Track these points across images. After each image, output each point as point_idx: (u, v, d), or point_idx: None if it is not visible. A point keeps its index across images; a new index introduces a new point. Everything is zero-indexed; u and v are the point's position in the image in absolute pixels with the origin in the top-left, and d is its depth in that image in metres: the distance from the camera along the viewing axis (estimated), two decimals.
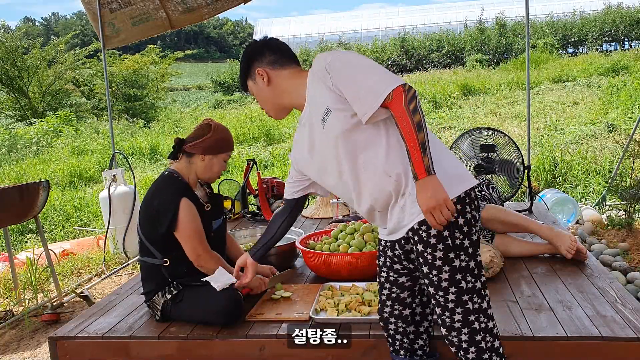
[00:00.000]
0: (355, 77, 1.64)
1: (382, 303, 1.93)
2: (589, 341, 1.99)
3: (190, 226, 2.29)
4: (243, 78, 1.97)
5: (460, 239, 1.64)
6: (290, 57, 1.92)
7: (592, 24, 20.43)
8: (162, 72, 19.25)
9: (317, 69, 1.74)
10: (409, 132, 1.56)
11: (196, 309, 2.27)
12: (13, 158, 10.84)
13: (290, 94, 1.87)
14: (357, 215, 3.65)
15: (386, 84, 1.59)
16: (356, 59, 1.69)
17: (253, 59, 1.90)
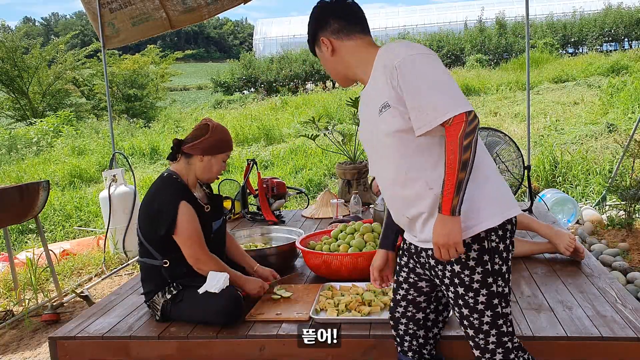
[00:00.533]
0: (421, 87, 1.55)
1: (395, 302, 1.90)
2: (589, 341, 2.00)
3: (188, 230, 2.29)
4: (311, 43, 1.85)
5: (499, 264, 1.63)
6: (358, 25, 1.78)
7: (592, 24, 20.42)
8: (162, 72, 19.25)
9: (387, 60, 1.63)
10: (452, 167, 1.50)
11: (196, 309, 2.27)
12: (13, 158, 10.84)
13: (354, 69, 1.78)
14: (357, 215, 3.65)
15: (451, 106, 1.51)
16: (428, 66, 1.57)
17: (317, 26, 1.79)
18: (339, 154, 4.80)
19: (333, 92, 16.21)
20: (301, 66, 20.90)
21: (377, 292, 2.41)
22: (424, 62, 1.57)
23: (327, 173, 7.53)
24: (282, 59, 21.84)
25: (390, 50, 1.65)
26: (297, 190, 4.88)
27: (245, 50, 30.71)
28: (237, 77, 21.77)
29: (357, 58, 1.76)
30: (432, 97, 1.53)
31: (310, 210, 4.28)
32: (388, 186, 1.74)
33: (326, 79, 21.25)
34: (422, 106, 1.54)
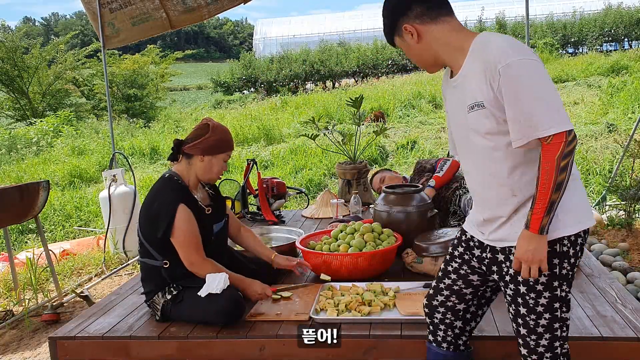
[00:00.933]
0: (523, 98, 1.48)
1: (436, 290, 1.87)
2: (589, 341, 2.00)
3: (185, 234, 2.28)
4: (389, 34, 1.74)
5: (567, 269, 1.62)
6: (443, 6, 1.65)
7: (592, 24, 20.41)
8: (162, 72, 19.24)
9: (488, 56, 1.53)
10: (545, 187, 1.48)
11: (196, 309, 2.27)
12: (13, 158, 10.83)
13: (443, 54, 1.67)
14: (357, 215, 3.65)
15: (552, 123, 1.46)
16: (535, 76, 1.49)
17: (398, 13, 1.68)
18: (339, 154, 4.80)
19: (333, 92, 16.21)
20: (301, 66, 20.89)
21: (377, 292, 2.41)
22: (530, 70, 1.49)
23: (327, 173, 7.53)
24: (282, 59, 21.83)
25: (492, 46, 1.54)
26: (297, 190, 4.88)
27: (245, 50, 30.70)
28: (237, 77, 21.77)
29: (446, 43, 1.65)
30: (536, 110, 1.47)
31: (310, 210, 4.28)
32: (471, 180, 1.73)
33: (326, 79, 21.26)
34: (524, 119, 1.48)
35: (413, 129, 9.92)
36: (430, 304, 1.89)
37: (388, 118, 10.85)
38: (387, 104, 11.76)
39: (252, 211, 4.22)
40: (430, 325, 1.91)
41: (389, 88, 14.23)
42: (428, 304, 1.90)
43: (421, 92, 12.49)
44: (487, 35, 1.60)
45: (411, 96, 12.25)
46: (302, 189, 5.47)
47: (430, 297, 1.90)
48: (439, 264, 2.67)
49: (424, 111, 11.31)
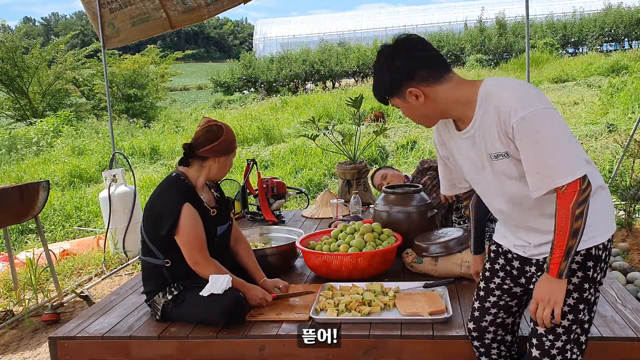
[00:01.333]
0: (538, 150, 1.52)
1: (483, 311, 1.87)
2: (589, 341, 1.99)
3: (190, 233, 2.28)
4: (387, 94, 1.72)
5: (598, 273, 1.66)
6: (442, 65, 1.66)
7: (592, 24, 20.42)
8: (162, 72, 19.24)
9: (501, 107, 1.56)
10: (562, 235, 1.53)
11: (197, 310, 2.26)
12: (13, 158, 10.83)
13: (451, 110, 1.69)
14: (357, 215, 3.65)
15: (568, 172, 1.50)
16: (548, 128, 1.51)
17: (402, 77, 1.65)
18: (339, 154, 4.80)
19: (333, 92, 16.21)
20: (301, 66, 20.90)
21: (377, 292, 2.41)
22: (543, 121, 1.51)
23: (327, 173, 7.53)
24: (282, 59, 21.84)
25: (503, 97, 1.56)
26: (297, 190, 4.88)
27: (245, 50, 30.70)
28: (237, 77, 21.77)
29: (454, 100, 1.66)
30: (551, 160, 1.51)
31: (310, 210, 4.28)
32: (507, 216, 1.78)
33: (326, 79, 21.27)
34: (539, 171, 1.53)
35: (413, 129, 9.91)
36: (479, 326, 1.88)
37: (388, 118, 10.84)
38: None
39: (252, 211, 4.22)
40: (480, 347, 1.89)
41: None
42: (476, 326, 1.89)
43: None
44: (494, 86, 1.62)
45: None
46: (302, 189, 5.47)
47: (477, 320, 1.89)
48: (439, 264, 2.67)
49: None
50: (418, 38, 1.68)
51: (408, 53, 1.65)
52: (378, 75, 1.72)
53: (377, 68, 1.72)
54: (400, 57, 1.65)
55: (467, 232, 2.77)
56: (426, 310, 2.20)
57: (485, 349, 1.89)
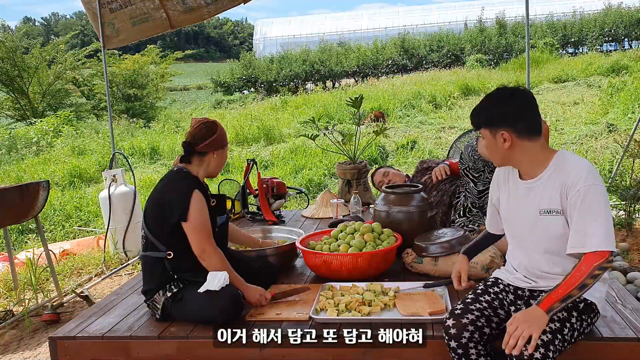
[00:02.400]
0: (589, 215, 1.79)
1: (465, 311, 1.93)
2: (589, 341, 2.00)
3: (199, 219, 2.32)
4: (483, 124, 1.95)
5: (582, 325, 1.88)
6: (538, 127, 1.91)
7: (592, 24, 20.42)
8: (162, 72, 19.23)
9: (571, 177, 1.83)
10: (573, 281, 1.75)
11: (196, 308, 2.27)
12: (13, 158, 10.83)
13: (524, 163, 1.94)
14: (357, 215, 3.64)
15: (605, 241, 1.77)
16: (604, 203, 1.81)
17: (504, 119, 1.89)
18: (339, 154, 4.80)
19: (333, 92, 16.21)
20: (301, 66, 20.90)
21: (377, 292, 2.41)
22: (602, 196, 1.81)
23: (327, 173, 7.53)
24: (282, 59, 21.85)
25: (579, 165, 1.85)
26: (297, 190, 4.88)
27: (245, 50, 30.70)
28: (237, 77, 21.78)
29: (531, 157, 1.92)
30: (597, 228, 1.78)
31: (310, 210, 4.28)
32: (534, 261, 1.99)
33: (326, 79, 21.26)
34: (585, 232, 1.79)
35: (413, 129, 9.92)
36: (458, 322, 1.90)
37: (388, 118, 10.84)
38: (387, 104, 11.76)
39: (252, 211, 4.22)
40: (458, 348, 1.88)
41: (389, 88, 14.23)
42: (456, 323, 1.90)
43: (421, 92, 12.49)
44: (572, 155, 1.91)
45: (411, 96, 12.25)
46: (302, 189, 5.46)
47: (458, 316, 1.92)
48: (439, 264, 2.67)
49: (424, 111, 11.30)
50: (534, 99, 1.93)
51: (522, 105, 1.90)
52: (488, 104, 1.95)
53: (492, 98, 1.95)
54: (516, 105, 1.89)
55: (467, 233, 2.78)
56: (426, 310, 2.20)
57: (463, 349, 1.88)
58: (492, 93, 1.97)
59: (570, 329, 1.82)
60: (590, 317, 1.91)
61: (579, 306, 1.88)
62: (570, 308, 1.85)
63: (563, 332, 1.79)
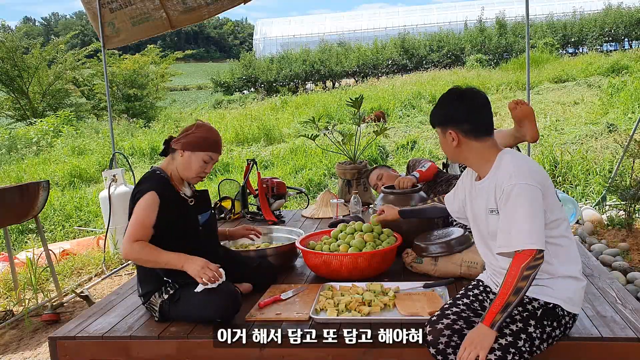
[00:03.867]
0: (514, 214, 1.81)
1: (441, 316, 1.94)
2: (589, 341, 2.00)
3: (137, 215, 2.25)
4: (434, 120, 2.05)
5: (553, 328, 1.89)
6: (488, 128, 1.98)
7: (592, 24, 20.40)
8: (162, 72, 19.23)
9: (502, 177, 1.88)
10: (506, 289, 1.77)
11: (194, 307, 2.26)
12: (13, 158, 10.83)
13: (473, 162, 2.01)
14: (357, 215, 3.64)
15: (529, 240, 1.77)
16: (527, 200, 1.80)
17: (450, 118, 1.97)
18: (339, 154, 4.80)
19: (333, 92, 16.21)
20: (301, 66, 20.89)
21: (377, 292, 2.41)
22: (524, 192, 1.81)
23: (327, 173, 7.53)
24: (282, 59, 21.84)
25: (504, 168, 1.89)
26: (297, 190, 4.88)
27: (245, 50, 30.69)
28: (237, 77, 21.76)
29: (479, 157, 1.98)
30: (521, 225, 1.79)
31: (310, 210, 4.28)
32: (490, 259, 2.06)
33: (326, 79, 21.25)
34: (510, 232, 1.81)
35: (413, 129, 9.92)
36: (434, 329, 1.90)
37: (388, 118, 10.84)
38: (387, 104, 11.76)
39: (252, 211, 4.22)
40: (437, 354, 1.87)
41: (389, 88, 14.23)
42: (432, 329, 1.90)
43: (421, 92, 12.49)
44: (508, 153, 1.95)
45: (411, 96, 12.25)
46: (302, 189, 5.46)
47: (434, 322, 1.92)
48: (439, 264, 2.67)
49: (424, 111, 11.30)
50: (485, 100, 1.99)
51: (468, 106, 1.96)
52: (441, 104, 2.03)
53: (443, 99, 2.03)
54: (461, 105, 1.97)
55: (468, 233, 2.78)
56: (426, 310, 2.20)
57: (442, 355, 1.86)
58: (445, 93, 2.04)
59: (527, 339, 1.80)
60: (557, 321, 1.88)
61: (536, 313, 1.85)
62: (526, 317, 1.83)
63: (517, 344, 1.78)
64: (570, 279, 1.92)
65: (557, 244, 1.90)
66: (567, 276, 1.91)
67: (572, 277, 1.93)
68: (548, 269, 1.88)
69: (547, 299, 1.88)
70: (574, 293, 1.93)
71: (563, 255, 1.91)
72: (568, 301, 1.90)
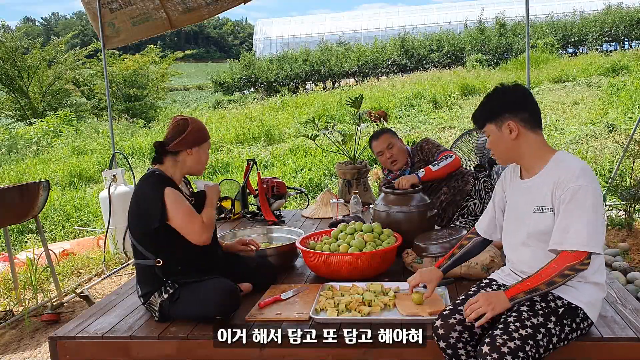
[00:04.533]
0: (574, 214, 1.79)
1: (453, 311, 1.93)
2: (589, 341, 2.00)
3: (182, 210, 2.30)
4: (486, 118, 1.95)
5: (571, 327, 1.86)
6: (539, 120, 1.94)
7: (592, 24, 20.40)
8: (162, 72, 19.23)
9: (565, 175, 1.83)
10: (542, 276, 1.79)
11: (193, 305, 2.27)
12: (13, 158, 10.83)
13: (527, 158, 1.94)
14: (357, 215, 3.64)
15: (585, 242, 1.76)
16: (591, 203, 1.78)
17: (508, 107, 1.90)
18: (339, 154, 4.80)
19: (333, 92, 16.20)
20: (301, 66, 20.89)
21: (377, 292, 2.41)
22: (589, 195, 1.79)
23: (327, 173, 7.52)
24: (282, 59, 21.84)
25: (570, 168, 1.84)
26: (297, 190, 4.88)
27: (245, 50, 30.67)
28: (237, 77, 21.76)
29: (533, 151, 1.92)
30: (581, 228, 1.77)
31: (310, 210, 4.28)
32: (518, 258, 2.02)
33: (326, 79, 21.25)
34: (568, 231, 1.79)
35: (413, 129, 9.92)
36: (445, 323, 1.91)
37: (389, 118, 10.83)
38: (387, 104, 11.76)
39: (252, 211, 4.22)
40: (447, 348, 1.89)
41: (389, 88, 14.23)
42: (443, 323, 1.91)
43: (421, 92, 12.49)
44: (568, 155, 1.91)
45: (411, 96, 12.25)
46: (302, 189, 5.47)
47: (446, 317, 1.93)
48: None
49: (424, 111, 11.30)
50: (528, 90, 1.95)
51: (522, 95, 1.92)
52: (488, 100, 1.96)
53: (490, 95, 1.96)
54: (515, 94, 1.92)
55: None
56: (426, 310, 2.20)
57: (452, 350, 1.88)
58: (491, 91, 1.98)
59: (546, 334, 1.79)
60: (576, 323, 1.88)
61: (558, 310, 1.85)
62: (548, 312, 1.83)
63: (536, 337, 1.77)
64: (597, 286, 1.92)
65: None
66: (595, 283, 1.91)
67: (599, 285, 1.93)
68: (583, 273, 1.86)
69: (571, 299, 1.87)
70: (596, 300, 1.93)
71: (597, 263, 1.91)
72: (590, 306, 1.90)
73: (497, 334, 1.76)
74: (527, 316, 1.80)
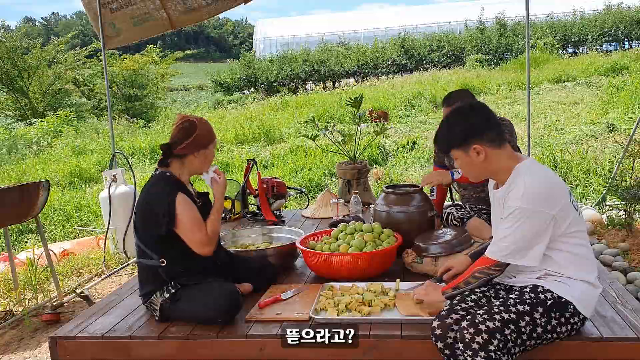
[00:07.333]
0: (502, 228, 1.93)
1: (450, 311, 1.95)
2: (589, 341, 2.00)
3: (190, 219, 2.30)
4: (452, 145, 1.98)
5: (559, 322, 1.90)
6: (503, 134, 1.98)
7: (592, 24, 20.40)
8: (162, 72, 19.23)
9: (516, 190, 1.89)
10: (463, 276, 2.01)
11: (194, 307, 2.27)
12: (13, 158, 10.83)
13: (498, 173, 1.99)
14: (357, 215, 3.64)
15: (498, 252, 1.92)
16: (520, 223, 1.86)
17: (473, 134, 1.93)
18: (339, 154, 4.80)
19: (333, 92, 16.20)
20: (301, 66, 20.88)
21: (377, 292, 2.41)
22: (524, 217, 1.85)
23: (327, 173, 7.52)
24: (282, 59, 21.83)
25: (517, 187, 1.89)
26: (297, 190, 4.88)
27: (245, 50, 30.67)
28: (237, 77, 21.76)
29: (503, 165, 1.96)
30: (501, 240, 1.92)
31: (310, 210, 4.28)
32: None
33: (326, 79, 21.25)
34: (495, 242, 1.97)
35: (413, 129, 9.92)
36: (442, 323, 1.92)
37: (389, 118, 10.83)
38: (387, 104, 11.76)
39: (252, 211, 4.22)
40: (445, 349, 1.90)
41: (389, 88, 14.23)
42: (440, 323, 1.92)
43: (421, 92, 12.49)
44: (528, 167, 1.93)
45: (411, 96, 12.25)
46: (302, 189, 5.46)
47: (443, 317, 1.94)
48: (439, 264, 2.67)
49: (424, 111, 11.30)
50: (490, 109, 1.98)
51: (483, 116, 1.95)
52: (450, 127, 1.98)
53: (451, 121, 1.99)
54: (477, 117, 1.94)
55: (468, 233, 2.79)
56: (426, 310, 2.20)
57: (450, 350, 1.89)
58: (450, 116, 2.01)
59: (530, 322, 1.84)
60: (565, 317, 1.90)
61: (547, 302, 1.89)
62: (535, 303, 1.87)
63: (519, 324, 1.82)
64: (587, 283, 1.96)
65: (575, 252, 1.95)
66: (585, 281, 1.95)
67: (588, 283, 1.97)
68: (565, 272, 1.93)
69: (561, 293, 1.91)
70: (588, 296, 1.96)
71: (579, 262, 1.95)
72: (581, 301, 1.93)
73: (480, 313, 1.83)
74: (512, 303, 1.86)
